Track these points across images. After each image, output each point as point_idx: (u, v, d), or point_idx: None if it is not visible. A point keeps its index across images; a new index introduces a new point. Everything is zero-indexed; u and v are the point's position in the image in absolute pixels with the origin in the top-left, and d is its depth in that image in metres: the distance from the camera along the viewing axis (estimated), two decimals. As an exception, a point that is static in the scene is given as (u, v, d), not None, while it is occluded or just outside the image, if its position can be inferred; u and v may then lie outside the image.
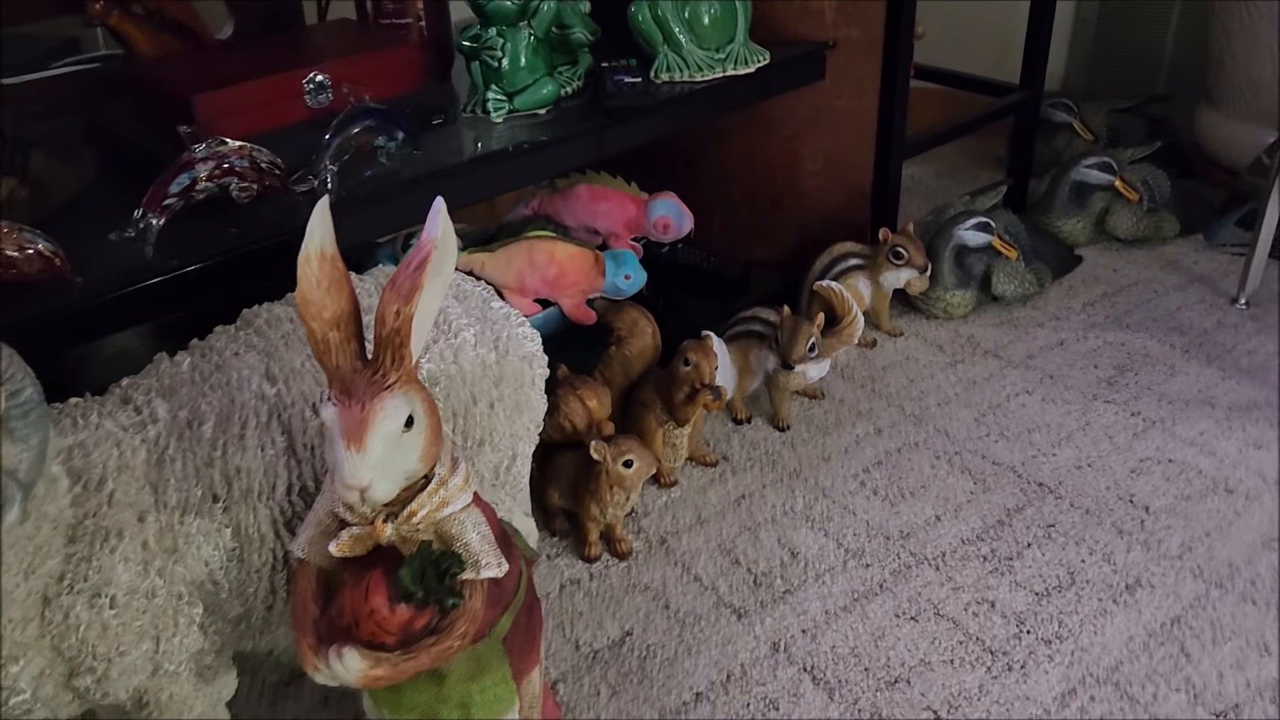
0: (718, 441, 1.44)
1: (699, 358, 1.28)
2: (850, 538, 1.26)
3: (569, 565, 1.23)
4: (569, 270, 1.41)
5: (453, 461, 0.74)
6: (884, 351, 1.64)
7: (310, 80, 1.15)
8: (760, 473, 1.38)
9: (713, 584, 1.20)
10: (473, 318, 0.90)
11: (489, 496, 0.92)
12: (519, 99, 1.30)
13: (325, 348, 0.68)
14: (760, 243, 1.76)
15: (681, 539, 1.27)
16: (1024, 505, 1.31)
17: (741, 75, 1.44)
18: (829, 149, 1.66)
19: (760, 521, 1.29)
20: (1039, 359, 1.60)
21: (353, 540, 0.72)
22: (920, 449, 1.41)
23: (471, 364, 0.88)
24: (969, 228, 1.66)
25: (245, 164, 1.04)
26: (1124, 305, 1.74)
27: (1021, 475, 1.36)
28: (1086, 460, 1.38)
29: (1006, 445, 1.41)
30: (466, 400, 0.88)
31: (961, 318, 1.71)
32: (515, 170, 1.23)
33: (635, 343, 1.34)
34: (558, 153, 1.26)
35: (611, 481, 1.18)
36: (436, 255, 0.68)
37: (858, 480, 1.36)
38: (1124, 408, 1.48)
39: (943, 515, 1.30)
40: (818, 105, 1.62)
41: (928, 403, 1.51)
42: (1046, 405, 1.49)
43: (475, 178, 1.19)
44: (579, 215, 1.54)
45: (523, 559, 0.82)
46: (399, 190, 1.13)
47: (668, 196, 1.54)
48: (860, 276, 1.64)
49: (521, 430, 0.93)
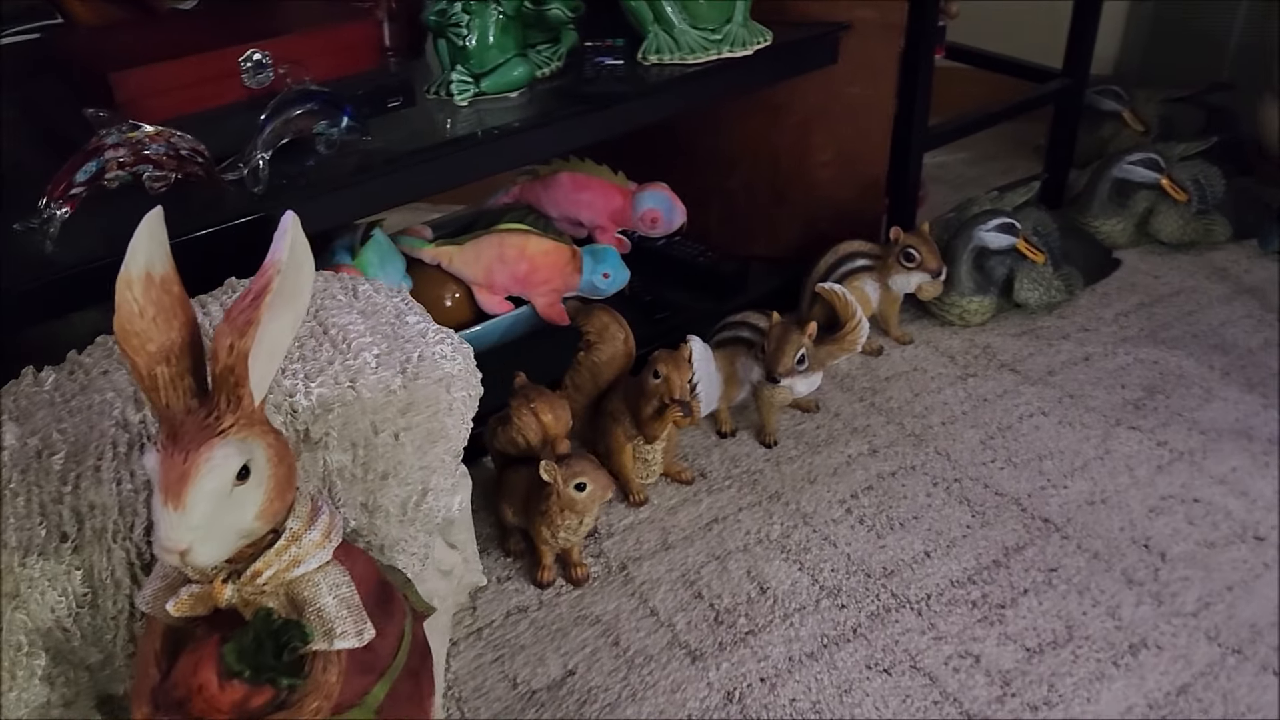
0: (697, 456, 1.34)
1: (669, 370, 1.17)
2: (827, 573, 1.15)
3: (519, 590, 1.14)
4: (541, 266, 1.32)
5: (312, 512, 0.65)
6: (890, 360, 1.51)
7: (247, 58, 1.06)
8: (738, 493, 1.27)
9: (670, 619, 1.10)
10: (379, 336, 0.81)
11: (395, 534, 0.83)
12: (487, 81, 1.19)
13: (152, 385, 0.59)
14: (763, 237, 1.64)
15: (643, 565, 1.17)
16: (1025, 544, 1.18)
17: (739, 58, 1.31)
18: (840, 138, 1.53)
19: (731, 549, 1.19)
20: (1060, 375, 1.46)
21: (193, 599, 0.63)
22: (917, 473, 1.29)
23: (372, 389, 0.78)
24: (991, 229, 1.52)
25: (162, 151, 0.95)
26: (1161, 317, 1.59)
27: (1026, 509, 1.23)
28: (1101, 495, 1.25)
29: (1013, 473, 1.29)
30: (366, 430, 0.78)
31: (979, 326, 1.58)
32: (477, 159, 1.13)
33: (605, 349, 1.24)
34: (526, 140, 1.15)
35: (563, 505, 1.09)
36: (281, 283, 0.58)
37: (844, 507, 1.25)
38: (1149, 436, 1.34)
39: (933, 551, 1.18)
40: (829, 91, 1.49)
41: (931, 420, 1.38)
42: (1062, 429, 1.36)
43: (429, 167, 1.09)
44: (561, 205, 1.44)
45: (409, 615, 0.73)
46: (341, 182, 1.04)
47: (657, 188, 1.43)
48: (868, 278, 1.51)
49: (435, 462, 0.84)
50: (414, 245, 1.33)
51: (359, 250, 1.23)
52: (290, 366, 0.76)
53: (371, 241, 1.25)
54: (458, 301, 1.34)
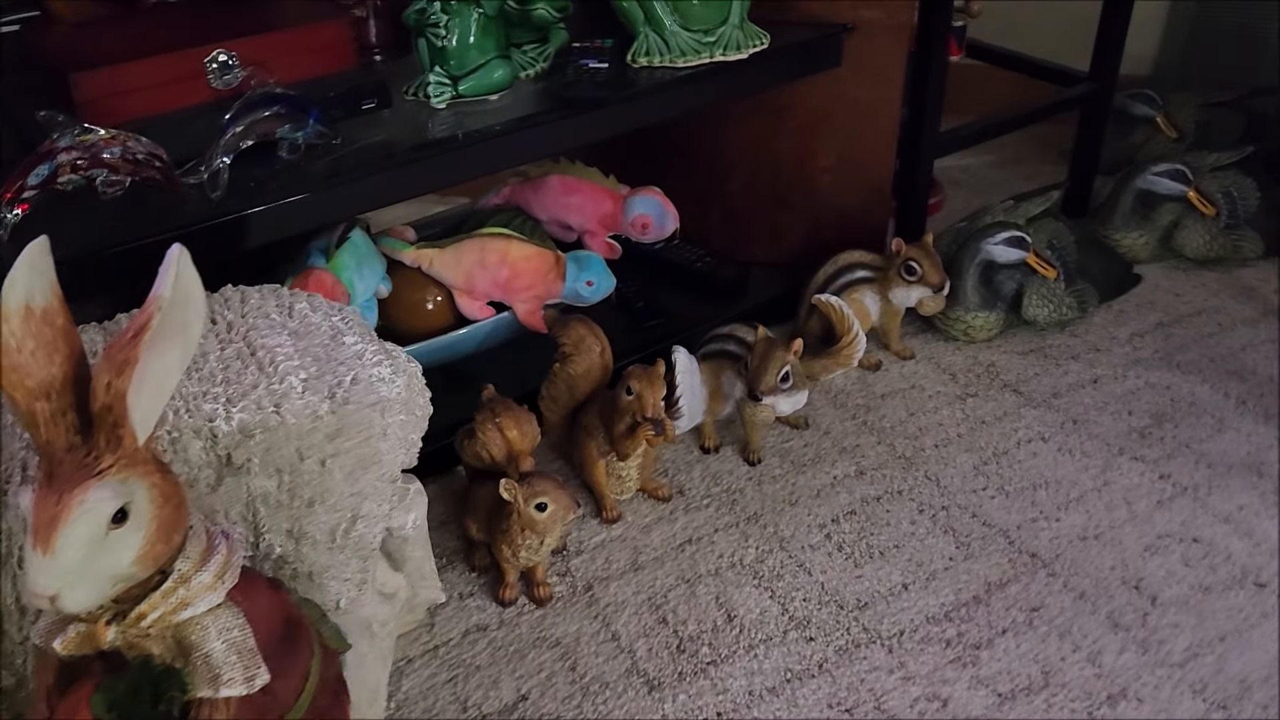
0: (677, 471, 1.30)
1: (642, 387, 1.13)
2: (799, 602, 1.12)
3: (480, 608, 1.12)
4: (523, 272, 1.28)
5: (205, 552, 0.62)
6: (887, 376, 1.46)
7: (213, 59, 1.04)
8: (715, 513, 1.24)
9: (631, 645, 1.07)
10: (309, 358, 0.78)
11: (325, 560, 0.81)
12: (466, 83, 1.16)
13: (31, 421, 0.57)
14: (764, 242, 1.59)
15: (610, 586, 1.14)
16: (1009, 580, 1.13)
17: (733, 62, 1.27)
18: (844, 144, 1.48)
19: (702, 573, 1.15)
20: (1065, 398, 1.40)
21: (79, 638, 0.61)
22: (903, 499, 1.25)
23: (298, 414, 0.76)
24: (999, 242, 1.46)
25: (117, 155, 0.93)
26: (1179, 339, 1.52)
27: (1014, 542, 1.18)
28: (1095, 530, 1.19)
29: (1004, 503, 1.23)
30: (291, 456, 0.76)
31: (985, 342, 1.52)
32: (449, 165, 1.09)
33: (580, 361, 1.21)
34: (501, 146, 1.12)
35: (523, 524, 1.06)
36: (163, 320, 0.56)
37: (823, 532, 1.20)
38: (1153, 467, 1.28)
39: (911, 584, 1.13)
40: (832, 95, 1.44)
41: (924, 442, 1.33)
42: (1061, 457, 1.30)
43: (397, 173, 1.06)
44: (550, 208, 1.40)
45: (317, 654, 0.70)
46: (304, 187, 1.01)
47: (649, 193, 1.38)
48: (868, 290, 1.46)
49: (367, 489, 0.81)
50: (395, 247, 1.30)
51: (334, 253, 1.21)
52: (212, 390, 0.74)
53: (348, 243, 1.22)
54: (439, 305, 1.31)
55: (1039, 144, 2.12)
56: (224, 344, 0.76)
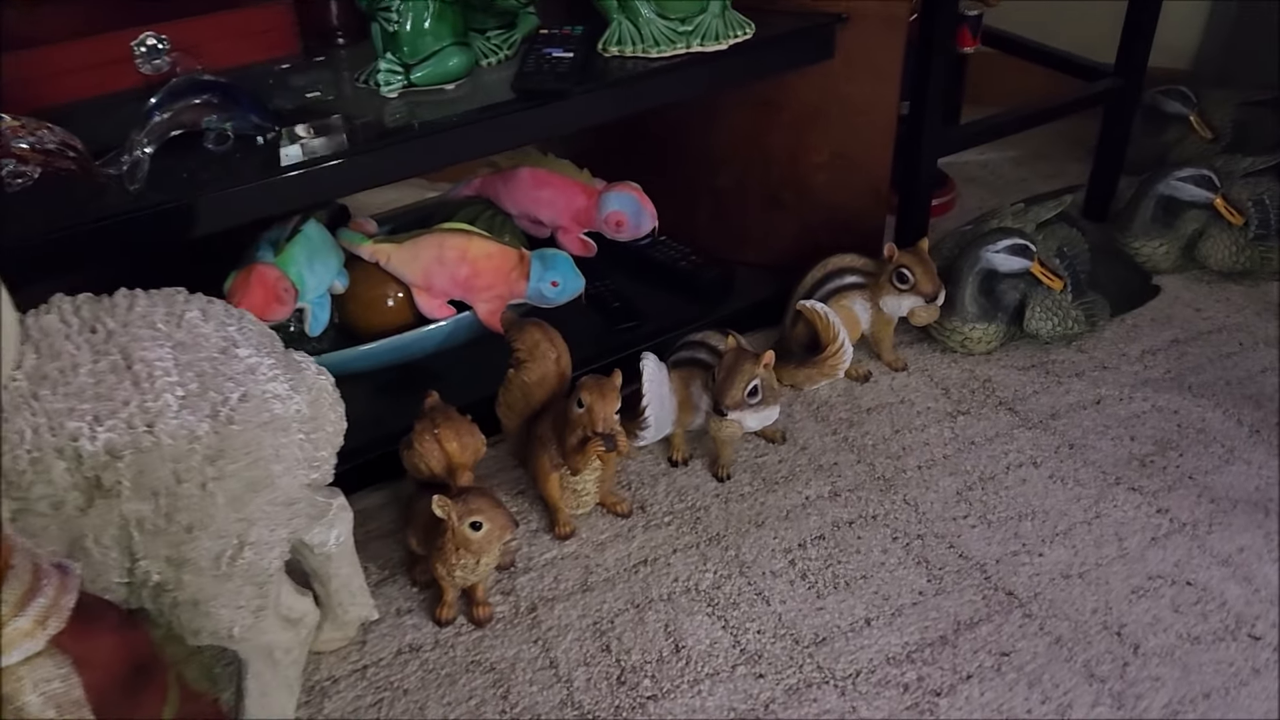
0: (641, 485, 1.23)
1: (593, 399, 1.07)
2: (752, 635, 1.05)
3: (416, 626, 1.07)
4: (484, 271, 1.22)
5: (26, 595, 0.57)
6: (876, 389, 1.38)
7: (141, 43, 0.98)
8: (676, 532, 1.17)
9: (569, 675, 1.01)
10: (191, 373, 0.73)
11: (211, 588, 0.76)
12: (418, 71, 1.10)
13: None
14: (754, 242, 1.52)
15: (555, 608, 1.08)
16: (980, 619, 1.06)
17: (711, 53, 1.19)
18: (837, 141, 1.39)
19: (654, 598, 1.09)
20: (1064, 420, 1.31)
21: (-109, 685, 0.56)
22: (877, 524, 1.17)
23: (173, 434, 0.70)
24: (1000, 250, 1.37)
25: (25, 144, 0.88)
26: (1194, 358, 1.42)
27: (990, 578, 1.10)
28: (1080, 567, 1.11)
29: (984, 534, 1.15)
30: (167, 479, 0.71)
31: (984, 354, 1.43)
32: (392, 159, 1.03)
33: (535, 368, 1.14)
34: (451, 140, 1.05)
35: (457, 543, 1.00)
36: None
37: (787, 557, 1.13)
38: (1150, 500, 1.19)
39: (875, 619, 1.06)
40: (824, 89, 1.35)
41: (906, 463, 1.25)
42: (1052, 485, 1.22)
43: (336, 167, 1.00)
44: (520, 202, 1.34)
45: (174, 702, 0.65)
46: (234, 180, 0.96)
47: (625, 189, 1.31)
48: (857, 297, 1.38)
49: (256, 514, 0.75)
50: (352, 241, 1.24)
51: (284, 246, 1.16)
52: (79, 406, 0.69)
53: (299, 236, 1.17)
54: (400, 303, 1.26)
55: (1066, 140, 2.01)
56: (98, 355, 0.71)
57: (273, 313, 1.11)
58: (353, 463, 1.20)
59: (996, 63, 1.89)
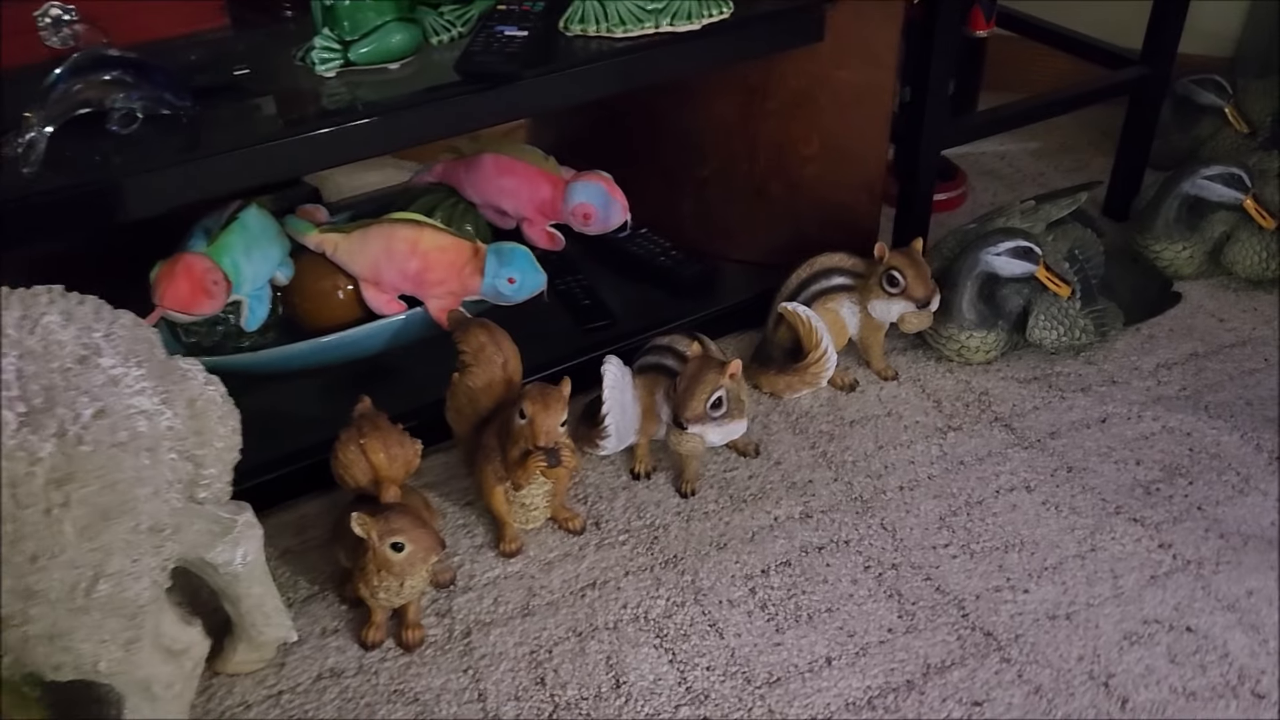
0: (598, 499, 1.15)
1: (536, 410, 0.98)
2: (701, 671, 0.96)
3: (341, 648, 0.99)
4: (435, 264, 1.14)
5: None
6: (862, 399, 1.28)
7: (44, 13, 0.91)
8: (630, 552, 1.08)
9: (497, 709, 0.93)
10: (37, 387, 0.65)
11: (66, 622, 0.69)
12: (357, 49, 1.01)
13: None
14: (740, 238, 1.42)
15: (491, 634, 1.00)
16: (953, 663, 0.96)
17: (682, 33, 1.09)
18: (827, 131, 1.29)
19: (598, 625, 1.01)
20: (1064, 440, 1.21)
21: None
22: (849, 551, 1.08)
23: (10, 456, 0.63)
24: (1001, 253, 1.26)
25: (-94, 123, 0.81)
26: (1213, 374, 1.30)
27: (968, 616, 1.00)
28: (1068, 608, 1.01)
29: (966, 565, 1.06)
30: (8, 504, 0.63)
31: (983, 365, 1.33)
32: (320, 145, 0.95)
33: (480, 373, 1.06)
34: (387, 125, 0.97)
35: (378, 564, 0.92)
36: None
37: (748, 585, 1.04)
38: (1152, 533, 1.08)
39: (837, 659, 0.97)
40: (813, 74, 1.25)
41: (887, 482, 1.16)
42: (1045, 512, 1.11)
43: (256, 151, 0.92)
44: (482, 190, 1.25)
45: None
46: (142, 165, 0.88)
47: (594, 179, 1.22)
48: (845, 300, 1.28)
49: (114, 543, 0.68)
50: (298, 229, 1.17)
51: (218, 234, 1.08)
52: (-93, 422, 0.62)
53: (236, 224, 1.10)
54: (349, 296, 1.18)
55: (1093, 131, 1.88)
56: (-66, 366, 0.63)
57: (200, 306, 1.03)
58: (297, 465, 1.13)
59: (1023, 49, 1.77)
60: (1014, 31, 1.67)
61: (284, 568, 1.07)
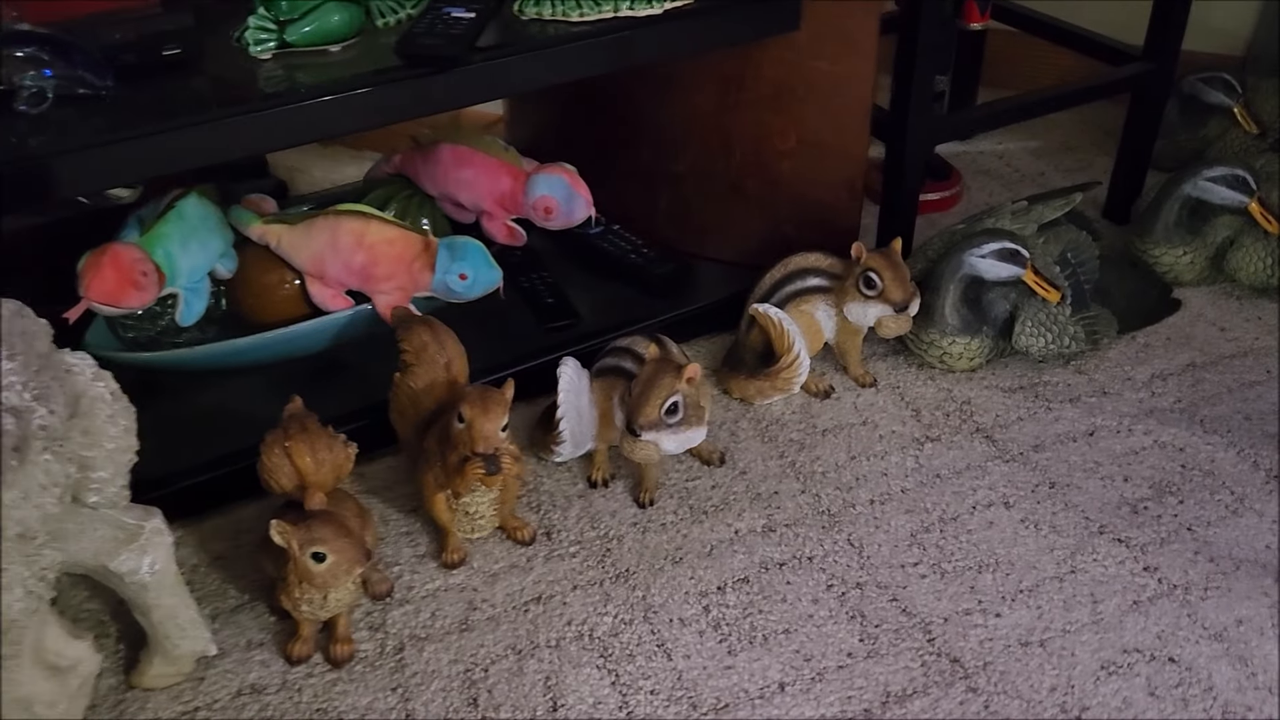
0: (551, 508, 1.09)
1: (474, 414, 0.93)
2: (644, 696, 0.90)
3: (265, 663, 0.94)
4: (382, 258, 1.09)
5: None
6: (837, 407, 1.22)
7: (-48, -13, 0.86)
8: (580, 565, 1.02)
9: (424, 732, 0.88)
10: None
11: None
12: (294, 30, 0.96)
13: None
14: (716, 235, 1.36)
15: (425, 650, 0.94)
16: (915, 691, 0.90)
17: (643, 18, 1.03)
18: (805, 124, 1.23)
19: (540, 643, 0.95)
20: (1047, 453, 1.14)
21: None
22: (812, 567, 1.01)
23: None
24: (986, 255, 1.19)
25: None
26: (1211, 386, 1.23)
27: (935, 641, 0.94)
28: (1042, 634, 0.94)
29: (936, 586, 0.99)
30: None
31: (967, 372, 1.26)
32: (243, 130, 0.89)
33: (422, 373, 1.00)
34: (322, 111, 0.91)
35: (299, 575, 0.87)
36: None
37: (702, 603, 0.98)
38: (1137, 555, 1.02)
39: (790, 685, 0.91)
40: (790, 65, 1.18)
41: (857, 496, 1.09)
42: (1024, 530, 1.05)
43: (175, 136, 0.86)
44: (439, 182, 1.20)
45: None
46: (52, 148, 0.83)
47: (556, 171, 1.16)
48: (820, 302, 1.21)
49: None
50: (241, 220, 1.12)
51: (152, 224, 1.03)
52: None
53: (172, 214, 1.05)
54: (294, 291, 1.13)
55: (1098, 130, 1.81)
56: None
57: (127, 298, 0.98)
58: (234, 467, 1.08)
59: (1026, 46, 1.70)
60: (1012, 26, 1.60)
61: (214, 575, 1.02)
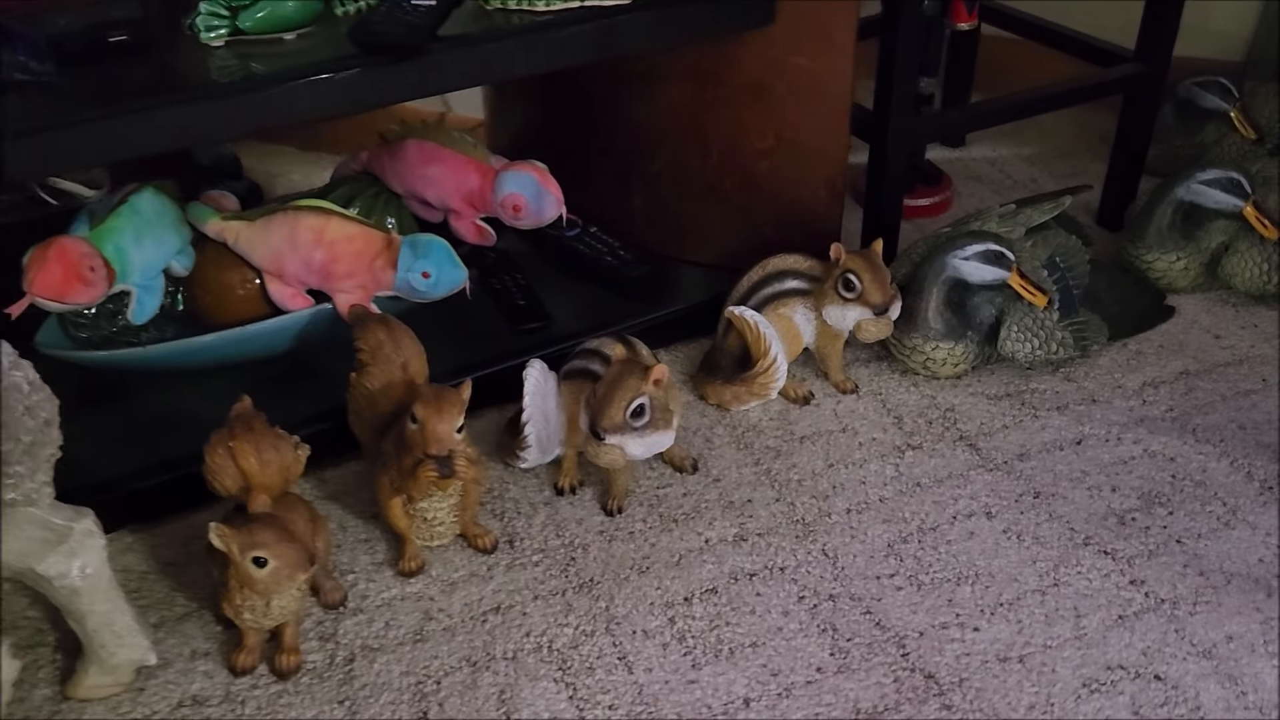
0: (516, 515, 1.05)
1: (428, 414, 0.89)
2: (602, 711, 0.86)
3: (209, 673, 0.90)
4: (342, 256, 1.05)
5: None
6: (816, 413, 1.18)
7: (-109, -32, 0.83)
8: (543, 574, 0.98)
9: (370, 747, 0.84)
10: None
11: None
12: (247, 16, 0.93)
13: None
14: (692, 237, 1.32)
15: (376, 662, 0.90)
16: (886, 708, 0.85)
17: (609, 8, 1.00)
18: (783, 122, 1.19)
19: (496, 655, 0.91)
20: (1033, 462, 1.10)
21: None
22: (784, 579, 0.97)
23: None
24: (970, 257, 1.16)
25: None
26: (1204, 394, 1.19)
27: (909, 655, 0.90)
28: (1022, 649, 0.90)
29: (913, 598, 0.95)
30: None
31: (951, 378, 1.22)
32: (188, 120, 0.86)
33: (377, 374, 0.97)
34: (270, 100, 0.88)
35: (240, 581, 0.83)
36: None
37: (667, 614, 0.94)
38: (1123, 568, 0.97)
39: (756, 700, 0.86)
40: (767, 61, 1.15)
41: (833, 504, 1.05)
42: (1006, 542, 1.01)
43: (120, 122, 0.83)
44: (406, 180, 1.16)
45: None
46: None
47: (525, 169, 1.13)
48: (799, 305, 1.18)
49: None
50: (198, 216, 1.09)
51: (104, 218, 1.00)
52: None
53: (125, 208, 1.02)
54: (254, 289, 1.09)
55: (1092, 136, 1.77)
56: None
57: (74, 294, 0.95)
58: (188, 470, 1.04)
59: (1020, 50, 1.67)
60: (1000, 27, 1.57)
61: (163, 582, 0.98)
